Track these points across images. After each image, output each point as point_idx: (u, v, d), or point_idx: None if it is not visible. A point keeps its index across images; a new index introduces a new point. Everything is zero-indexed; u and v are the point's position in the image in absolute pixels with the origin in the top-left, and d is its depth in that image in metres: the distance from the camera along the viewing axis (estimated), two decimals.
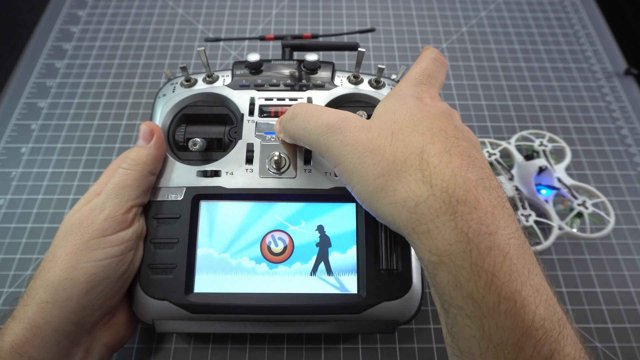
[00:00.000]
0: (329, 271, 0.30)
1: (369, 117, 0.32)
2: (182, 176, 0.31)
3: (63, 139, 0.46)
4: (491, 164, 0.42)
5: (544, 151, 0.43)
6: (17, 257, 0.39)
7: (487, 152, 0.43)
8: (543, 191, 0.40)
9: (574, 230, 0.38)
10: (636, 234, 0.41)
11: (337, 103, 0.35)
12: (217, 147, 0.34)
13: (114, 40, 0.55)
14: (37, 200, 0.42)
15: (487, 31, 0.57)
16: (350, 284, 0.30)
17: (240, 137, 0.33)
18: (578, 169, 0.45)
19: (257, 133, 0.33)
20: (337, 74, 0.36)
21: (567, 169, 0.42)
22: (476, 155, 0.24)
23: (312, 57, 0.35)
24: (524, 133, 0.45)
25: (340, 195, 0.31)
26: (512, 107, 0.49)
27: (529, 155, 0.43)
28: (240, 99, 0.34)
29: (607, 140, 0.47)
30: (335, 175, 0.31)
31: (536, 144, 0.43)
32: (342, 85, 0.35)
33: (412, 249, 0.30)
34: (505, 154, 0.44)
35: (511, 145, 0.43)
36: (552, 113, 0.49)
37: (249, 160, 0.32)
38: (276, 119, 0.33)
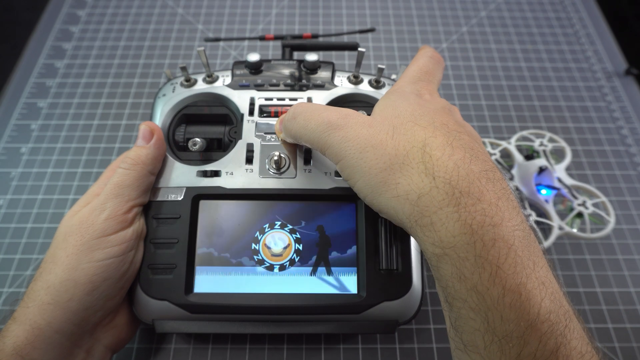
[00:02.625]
0: (328, 271, 0.30)
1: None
2: (182, 176, 0.31)
3: (63, 139, 0.46)
4: None
5: (544, 151, 0.43)
6: (17, 257, 0.39)
7: (487, 152, 0.43)
8: (543, 191, 0.40)
9: (574, 230, 0.38)
10: (636, 234, 0.41)
11: (337, 103, 0.35)
12: (217, 147, 0.34)
13: (113, 40, 0.55)
14: (37, 200, 0.42)
15: (487, 31, 0.57)
16: (350, 284, 0.30)
17: (240, 137, 0.33)
18: (578, 169, 0.45)
19: (257, 133, 0.33)
20: (337, 74, 0.36)
21: (567, 169, 0.42)
22: (478, 148, 0.24)
23: (312, 57, 0.35)
24: (524, 133, 0.45)
25: (340, 195, 0.31)
26: (512, 107, 0.49)
27: (529, 155, 0.43)
28: (240, 99, 0.34)
29: (607, 140, 0.47)
30: (336, 175, 0.31)
31: (536, 144, 0.43)
32: (342, 85, 0.35)
33: (412, 248, 0.30)
34: (505, 154, 0.44)
35: (511, 145, 0.43)
36: (552, 113, 0.49)
37: (249, 160, 0.32)
38: (276, 119, 0.33)
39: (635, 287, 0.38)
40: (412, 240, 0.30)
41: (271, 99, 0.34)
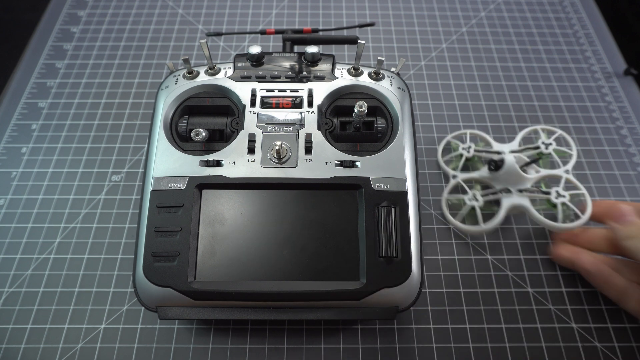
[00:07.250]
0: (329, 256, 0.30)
1: (368, 107, 0.33)
2: (184, 166, 0.32)
3: (63, 139, 0.46)
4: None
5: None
6: (17, 257, 0.39)
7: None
8: None
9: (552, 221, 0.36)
10: None
11: (338, 94, 0.35)
12: (220, 138, 0.34)
13: (114, 40, 0.55)
14: (38, 200, 0.42)
15: (487, 31, 0.57)
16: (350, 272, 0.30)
17: (242, 128, 0.33)
18: (578, 169, 0.45)
19: (258, 124, 0.33)
20: (337, 66, 0.37)
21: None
22: None
23: (312, 49, 0.36)
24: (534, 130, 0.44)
25: (340, 184, 0.31)
26: (511, 107, 0.49)
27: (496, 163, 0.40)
28: (242, 90, 0.35)
29: (606, 140, 0.47)
30: (337, 165, 0.32)
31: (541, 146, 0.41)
32: (342, 77, 0.36)
33: (411, 236, 0.30)
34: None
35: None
36: (552, 113, 0.49)
37: (251, 150, 0.32)
38: (277, 109, 0.34)
39: None
40: (412, 228, 0.31)
41: (272, 91, 0.35)
